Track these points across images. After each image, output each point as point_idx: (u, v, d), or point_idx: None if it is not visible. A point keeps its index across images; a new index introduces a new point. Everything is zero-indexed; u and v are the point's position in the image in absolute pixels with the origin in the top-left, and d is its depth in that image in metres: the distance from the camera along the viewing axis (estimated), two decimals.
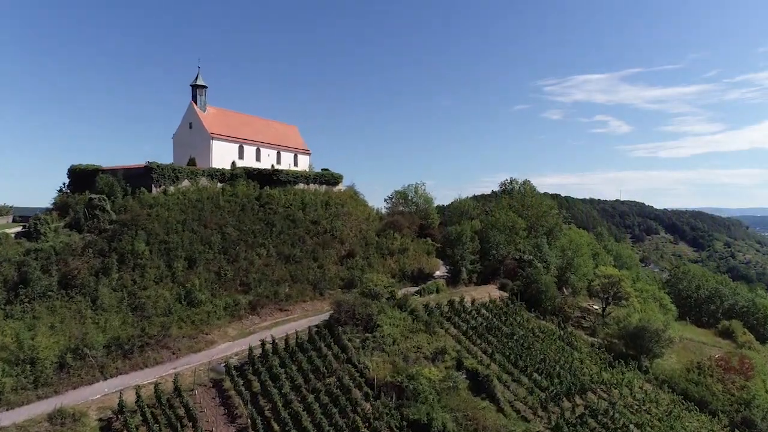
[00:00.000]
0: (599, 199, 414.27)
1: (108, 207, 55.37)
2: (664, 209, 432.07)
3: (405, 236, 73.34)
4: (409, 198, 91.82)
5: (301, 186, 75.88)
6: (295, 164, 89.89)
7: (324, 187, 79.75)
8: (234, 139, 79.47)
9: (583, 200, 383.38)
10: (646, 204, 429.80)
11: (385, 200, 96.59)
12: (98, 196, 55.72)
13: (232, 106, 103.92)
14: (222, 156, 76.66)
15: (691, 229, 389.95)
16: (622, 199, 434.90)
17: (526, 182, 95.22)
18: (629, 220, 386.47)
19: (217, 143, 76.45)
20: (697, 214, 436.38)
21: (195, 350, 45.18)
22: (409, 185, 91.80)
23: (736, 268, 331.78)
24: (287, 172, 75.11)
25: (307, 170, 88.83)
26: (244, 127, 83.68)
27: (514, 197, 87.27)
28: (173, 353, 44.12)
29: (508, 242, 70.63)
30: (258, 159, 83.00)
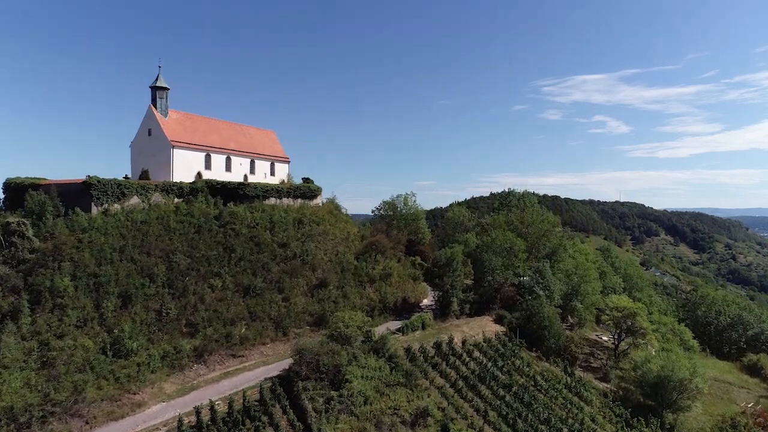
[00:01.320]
0: (599, 201, 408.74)
1: (29, 233, 46.29)
2: (664, 210, 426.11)
3: (389, 258, 64.57)
4: (398, 209, 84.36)
5: (272, 201, 67.20)
6: (272, 174, 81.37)
7: (299, 201, 70.96)
8: (200, 147, 70.65)
9: (582, 201, 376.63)
10: (646, 205, 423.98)
11: (373, 211, 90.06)
12: (17, 219, 46.64)
13: (207, 112, 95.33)
14: (185, 166, 67.87)
15: (692, 230, 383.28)
16: (621, 200, 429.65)
17: (525, 194, 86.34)
18: (629, 222, 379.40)
19: (179, 152, 67.62)
20: (697, 216, 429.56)
21: (116, 417, 36.37)
22: (398, 195, 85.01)
23: (738, 270, 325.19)
24: (255, 186, 66.27)
25: (286, 180, 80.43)
26: (212, 134, 74.88)
27: (513, 212, 78.33)
28: (86, 423, 35.29)
29: (506, 266, 61.80)
30: (228, 169, 74.24)
